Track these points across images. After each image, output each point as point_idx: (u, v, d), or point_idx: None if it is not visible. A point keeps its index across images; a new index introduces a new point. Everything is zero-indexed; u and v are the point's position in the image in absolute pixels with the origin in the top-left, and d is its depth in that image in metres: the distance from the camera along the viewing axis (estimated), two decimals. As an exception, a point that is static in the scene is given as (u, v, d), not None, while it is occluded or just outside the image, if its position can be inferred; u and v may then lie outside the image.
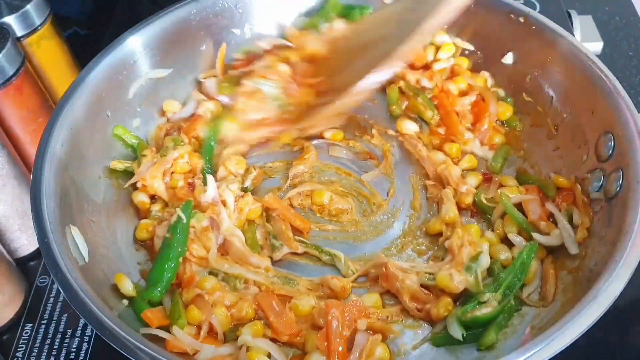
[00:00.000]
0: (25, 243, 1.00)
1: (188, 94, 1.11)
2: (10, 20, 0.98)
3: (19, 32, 1.00)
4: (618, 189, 0.83)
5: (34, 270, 1.00)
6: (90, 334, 0.92)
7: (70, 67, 1.10)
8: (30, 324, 0.94)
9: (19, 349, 0.91)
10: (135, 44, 1.03)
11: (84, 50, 1.13)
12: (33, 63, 1.03)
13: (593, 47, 1.27)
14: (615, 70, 0.93)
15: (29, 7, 0.99)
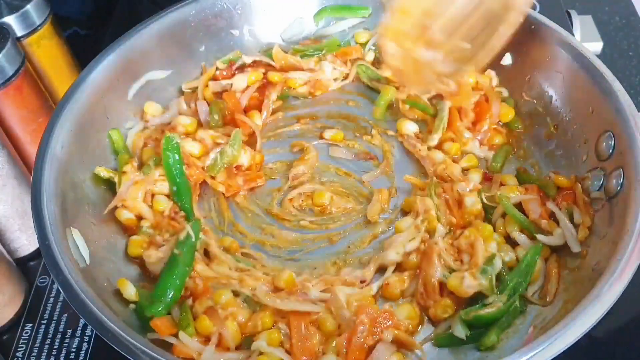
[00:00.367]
0: (25, 243, 0.99)
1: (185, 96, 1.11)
2: (10, 20, 0.98)
3: (19, 32, 0.99)
4: (619, 188, 0.84)
5: (34, 270, 1.00)
6: (90, 334, 0.92)
7: (70, 67, 1.10)
8: (30, 324, 0.94)
9: (19, 349, 0.91)
10: (135, 45, 1.03)
11: (84, 50, 1.13)
12: (33, 63, 1.03)
13: (593, 47, 1.27)
14: (615, 70, 0.93)
15: (29, 7, 0.99)
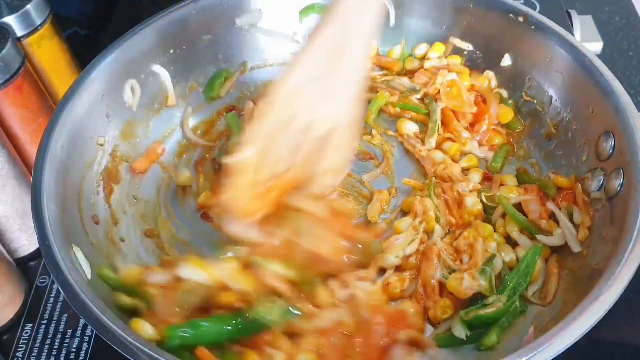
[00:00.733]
0: (25, 243, 0.99)
1: (185, 96, 1.11)
2: (10, 20, 0.98)
3: (19, 32, 0.99)
4: (619, 188, 0.83)
5: (34, 270, 1.00)
6: (90, 334, 0.92)
7: (70, 67, 1.10)
8: (30, 324, 0.94)
9: (19, 349, 0.91)
10: (135, 45, 1.03)
11: (84, 50, 1.13)
12: (33, 63, 1.03)
13: (593, 47, 1.27)
14: (615, 70, 0.93)
15: (29, 7, 0.99)
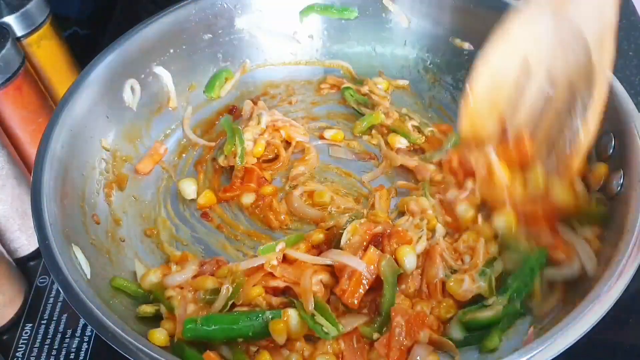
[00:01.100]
0: (25, 243, 0.99)
1: (185, 95, 1.11)
2: (10, 20, 0.98)
3: (19, 32, 0.99)
4: (619, 189, 0.83)
5: (34, 270, 1.00)
6: (90, 334, 0.92)
7: (70, 67, 1.10)
8: (30, 324, 0.94)
9: (19, 349, 0.91)
10: (135, 45, 1.03)
11: (84, 50, 1.13)
12: (33, 63, 1.03)
13: (593, 47, 1.26)
14: (615, 70, 0.93)
15: (29, 7, 0.99)
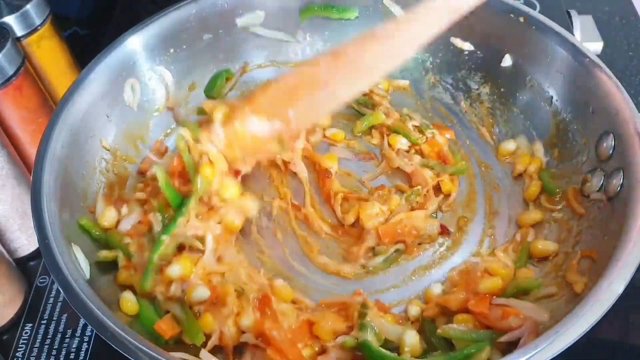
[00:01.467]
0: (25, 243, 0.99)
1: (185, 95, 1.11)
2: (10, 20, 0.98)
3: (19, 32, 0.99)
4: (619, 189, 0.83)
5: (34, 270, 1.00)
6: (90, 334, 0.92)
7: (70, 67, 1.10)
8: (30, 324, 0.94)
9: (19, 349, 0.91)
10: (135, 45, 1.03)
11: (84, 50, 1.13)
12: (33, 63, 1.03)
13: (593, 47, 1.26)
14: (615, 70, 0.93)
15: (29, 7, 0.99)
